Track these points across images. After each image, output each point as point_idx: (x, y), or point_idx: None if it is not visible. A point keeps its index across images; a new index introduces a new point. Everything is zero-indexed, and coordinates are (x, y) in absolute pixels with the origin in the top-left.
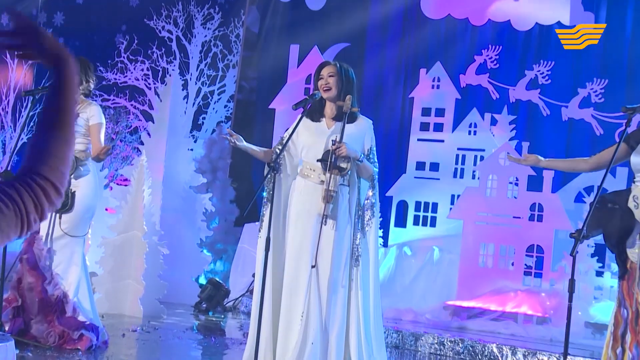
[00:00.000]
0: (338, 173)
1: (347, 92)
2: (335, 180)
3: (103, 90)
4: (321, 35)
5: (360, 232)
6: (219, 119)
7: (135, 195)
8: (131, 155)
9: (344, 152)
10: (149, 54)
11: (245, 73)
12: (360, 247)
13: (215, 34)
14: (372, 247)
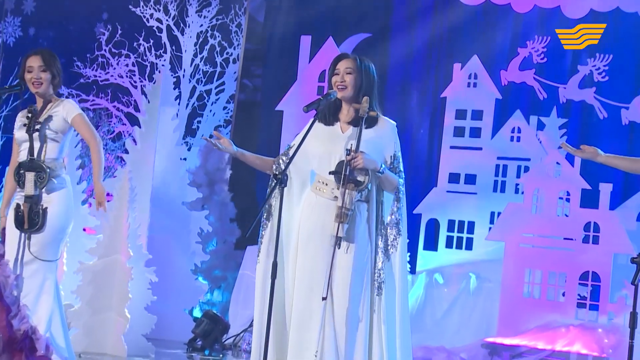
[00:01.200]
0: (354, 188)
1: (367, 92)
2: (351, 196)
3: (81, 89)
4: (337, 24)
5: (383, 254)
6: (216, 123)
7: (119, 213)
8: (113, 165)
9: (360, 163)
10: (134, 47)
11: (248, 69)
12: (384, 272)
13: (213, 23)
14: (399, 272)
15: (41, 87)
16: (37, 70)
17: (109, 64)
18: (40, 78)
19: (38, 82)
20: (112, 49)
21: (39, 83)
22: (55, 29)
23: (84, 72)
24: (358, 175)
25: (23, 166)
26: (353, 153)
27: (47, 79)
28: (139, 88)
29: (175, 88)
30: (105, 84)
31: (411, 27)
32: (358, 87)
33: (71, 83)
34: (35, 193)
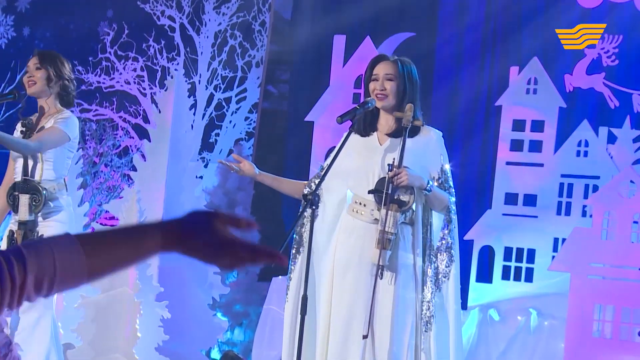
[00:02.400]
0: (397, 209)
1: (410, 99)
2: (394, 218)
3: (82, 97)
4: (376, 22)
5: (432, 284)
6: (237, 136)
7: None
8: (119, 184)
9: (404, 180)
10: (143, 49)
11: (273, 74)
12: (434, 305)
13: (233, 21)
14: (452, 304)
15: (34, 87)
16: (32, 69)
17: (114, 68)
18: (33, 76)
19: (31, 81)
20: (118, 51)
21: (32, 82)
22: (53, 28)
23: (85, 77)
24: (402, 194)
25: (17, 187)
26: (396, 168)
27: (40, 78)
28: (149, 96)
29: (190, 96)
30: (110, 92)
31: (460, 25)
32: (400, 95)
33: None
34: (30, 218)
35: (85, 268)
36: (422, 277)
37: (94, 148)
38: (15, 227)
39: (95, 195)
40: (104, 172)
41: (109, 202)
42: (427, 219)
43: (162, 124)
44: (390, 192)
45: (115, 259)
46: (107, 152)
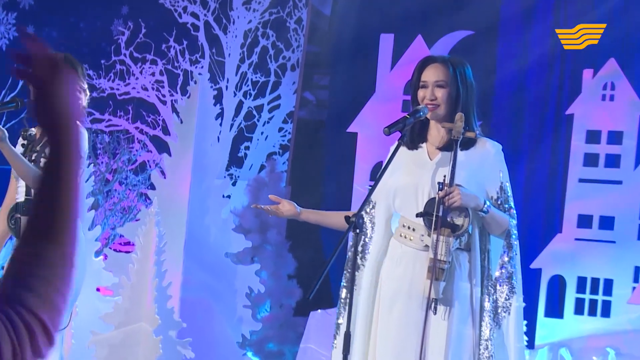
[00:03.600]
0: (450, 233)
1: (465, 106)
2: (447, 244)
3: (93, 105)
4: (429, 19)
5: (491, 320)
6: (270, 149)
7: (142, 268)
8: (136, 205)
9: (457, 200)
10: (163, 51)
11: (311, 78)
12: (493, 343)
13: (265, 18)
14: (513, 343)
15: None
16: None
17: (129, 72)
18: None
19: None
20: (134, 53)
21: None
22: (61, 27)
23: (97, 83)
24: (455, 217)
25: (19, 209)
26: (447, 187)
27: None
28: (169, 104)
29: (217, 104)
30: (125, 99)
31: (526, 22)
32: (453, 103)
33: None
34: None
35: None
36: (480, 311)
37: (106, 164)
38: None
39: (108, 217)
40: (118, 191)
41: (123, 225)
42: (484, 246)
43: (184, 135)
44: (442, 214)
45: None
46: (121, 168)
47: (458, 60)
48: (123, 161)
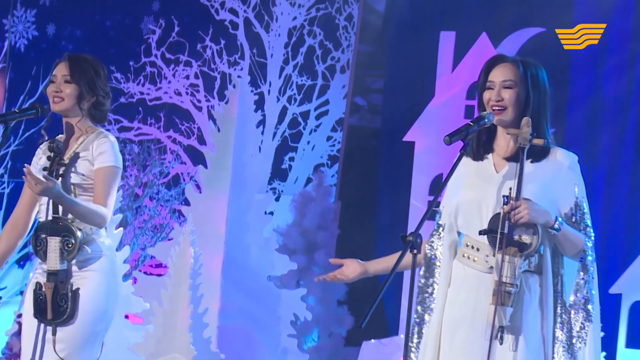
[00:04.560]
0: (517, 253)
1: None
2: (514, 265)
3: (121, 112)
4: (494, 14)
5: (564, 350)
6: (317, 160)
7: (176, 292)
8: (168, 223)
9: (524, 216)
10: (198, 51)
11: (363, 81)
12: None
13: (312, 14)
14: None
15: (60, 104)
16: (59, 81)
17: (161, 75)
18: (61, 92)
19: (58, 96)
20: (166, 53)
21: (58, 98)
22: (85, 25)
23: (125, 87)
24: (522, 235)
25: (44, 229)
26: (513, 202)
27: (70, 95)
28: (205, 110)
29: (258, 110)
30: (156, 105)
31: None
32: (522, 107)
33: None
34: (62, 267)
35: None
36: (552, 341)
37: (136, 177)
38: (43, 279)
39: (138, 236)
40: (149, 207)
41: (155, 245)
42: (557, 268)
43: (221, 145)
44: (507, 231)
45: None
46: (152, 182)
47: (531, 61)
48: (154, 174)
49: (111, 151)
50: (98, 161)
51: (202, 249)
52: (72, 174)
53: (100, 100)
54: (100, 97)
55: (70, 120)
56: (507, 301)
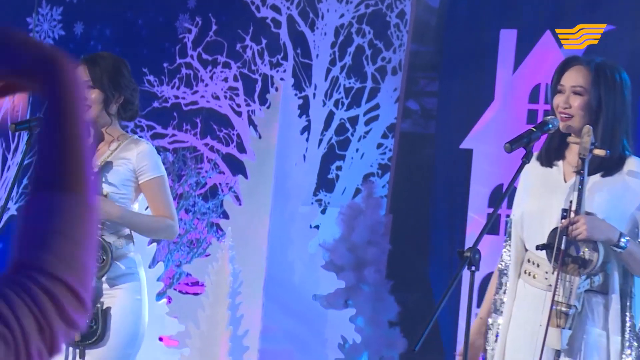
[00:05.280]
0: (576, 271)
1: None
2: (572, 283)
3: (154, 118)
4: (560, 10)
5: None
6: (367, 170)
7: (214, 313)
8: (205, 237)
9: (582, 232)
10: (237, 52)
11: (416, 84)
12: None
13: (360, 11)
14: None
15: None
16: None
17: (197, 77)
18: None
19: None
20: (203, 54)
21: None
22: (116, 24)
23: (159, 91)
24: (582, 251)
25: None
26: (572, 216)
27: (95, 101)
28: (245, 115)
29: (302, 115)
30: (192, 110)
31: None
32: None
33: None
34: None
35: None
36: None
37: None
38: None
39: (173, 252)
40: (185, 220)
41: (191, 261)
42: (629, 288)
43: (263, 154)
44: (564, 247)
45: None
46: (188, 193)
47: (608, 63)
48: (190, 185)
49: (156, 160)
50: (145, 174)
51: (242, 266)
52: (103, 184)
53: (127, 98)
54: (128, 95)
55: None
56: (564, 323)
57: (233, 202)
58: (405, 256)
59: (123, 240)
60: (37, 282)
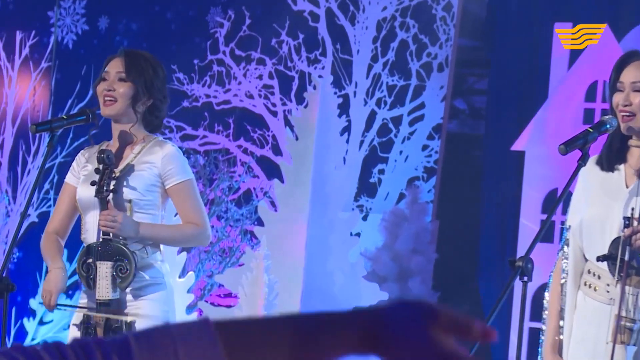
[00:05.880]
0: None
1: None
2: (637, 297)
3: (184, 118)
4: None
5: None
6: (411, 173)
7: None
8: (239, 246)
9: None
10: (273, 47)
11: (463, 81)
12: None
13: (404, 4)
14: None
15: (113, 106)
16: (112, 78)
17: (230, 75)
18: (113, 90)
19: (110, 96)
20: (236, 50)
21: (111, 99)
22: (143, 18)
23: (189, 89)
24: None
25: (92, 252)
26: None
27: (124, 95)
28: (281, 115)
29: (342, 114)
30: (224, 110)
31: None
32: None
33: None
34: (115, 297)
35: None
36: None
37: (201, 193)
38: (92, 311)
39: (204, 261)
40: (216, 227)
41: (223, 271)
42: None
43: (300, 156)
44: (628, 258)
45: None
46: (220, 199)
47: None
48: (222, 189)
49: (183, 162)
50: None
51: (278, 277)
52: (126, 189)
53: (157, 104)
54: (158, 101)
55: (123, 125)
56: (628, 339)
57: (268, 208)
58: (452, 266)
59: (149, 249)
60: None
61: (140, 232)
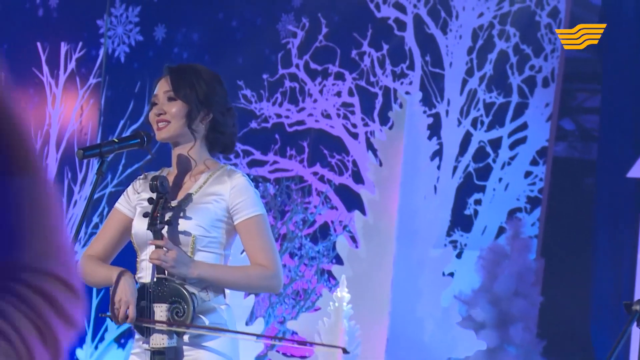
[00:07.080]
0: None
1: None
2: None
3: (251, 141)
4: None
5: None
6: (512, 204)
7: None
8: (315, 288)
9: None
10: (353, 60)
11: (572, 98)
12: None
13: (504, 9)
14: None
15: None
16: (161, 101)
17: (304, 92)
18: (165, 113)
19: (162, 120)
20: (311, 63)
21: (163, 122)
22: (205, 27)
23: (257, 108)
24: None
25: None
26: None
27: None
28: (362, 138)
29: (433, 136)
30: (297, 131)
31: None
32: None
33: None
34: (171, 344)
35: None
36: None
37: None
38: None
39: (275, 305)
40: (289, 266)
41: (297, 317)
42: None
43: (384, 184)
44: None
45: None
46: (293, 233)
47: None
48: (295, 223)
49: (254, 195)
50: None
51: (360, 323)
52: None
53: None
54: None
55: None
56: None
57: (348, 244)
58: (561, 310)
59: (210, 292)
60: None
61: (197, 272)
